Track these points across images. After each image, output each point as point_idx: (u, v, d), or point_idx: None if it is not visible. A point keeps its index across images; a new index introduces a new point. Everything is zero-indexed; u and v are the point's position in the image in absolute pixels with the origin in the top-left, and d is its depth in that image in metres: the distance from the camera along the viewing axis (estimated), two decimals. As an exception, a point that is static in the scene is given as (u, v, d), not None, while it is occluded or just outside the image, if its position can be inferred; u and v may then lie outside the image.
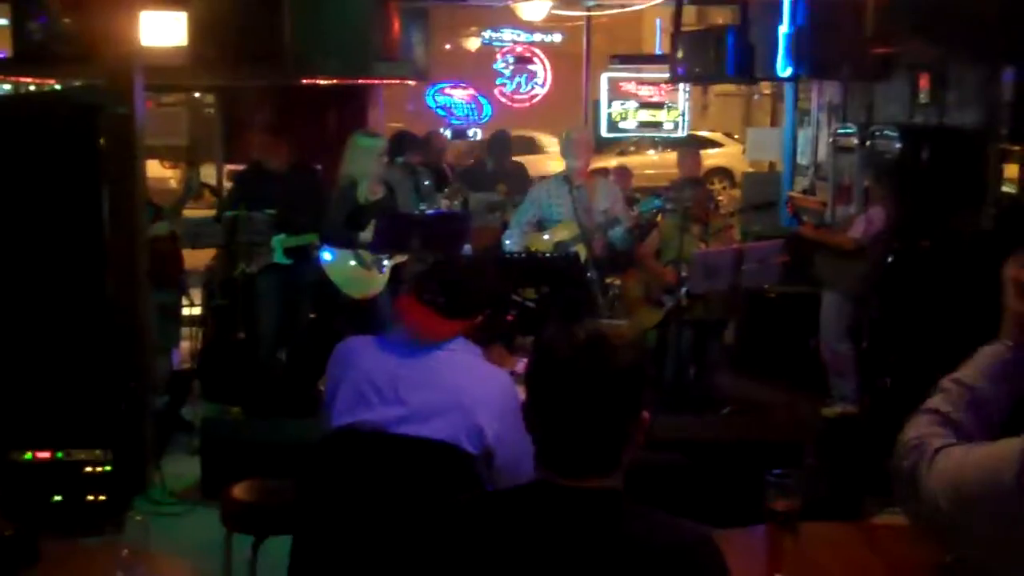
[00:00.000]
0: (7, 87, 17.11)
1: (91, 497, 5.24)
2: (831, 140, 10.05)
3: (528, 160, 13.18)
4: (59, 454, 5.27)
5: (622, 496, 1.99)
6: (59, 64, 7.79)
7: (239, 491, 4.18)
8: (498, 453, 3.04)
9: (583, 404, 1.97)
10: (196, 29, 9.45)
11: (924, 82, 8.51)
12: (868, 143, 8.50)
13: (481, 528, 2.00)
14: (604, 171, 12.58)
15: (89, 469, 5.27)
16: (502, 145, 10.04)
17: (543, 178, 8.26)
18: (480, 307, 3.19)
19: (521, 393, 2.23)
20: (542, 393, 2.02)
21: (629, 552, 1.91)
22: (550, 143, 19.98)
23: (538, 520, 1.96)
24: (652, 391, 2.10)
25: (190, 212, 7.86)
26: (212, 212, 7.70)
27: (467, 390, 3.03)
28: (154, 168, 15.44)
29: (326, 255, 6.93)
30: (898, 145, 7.92)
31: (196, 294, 8.02)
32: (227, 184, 10.45)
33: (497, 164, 9.79)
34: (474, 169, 9.93)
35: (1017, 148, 7.31)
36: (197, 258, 7.93)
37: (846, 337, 7.31)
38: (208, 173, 10.93)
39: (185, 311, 7.86)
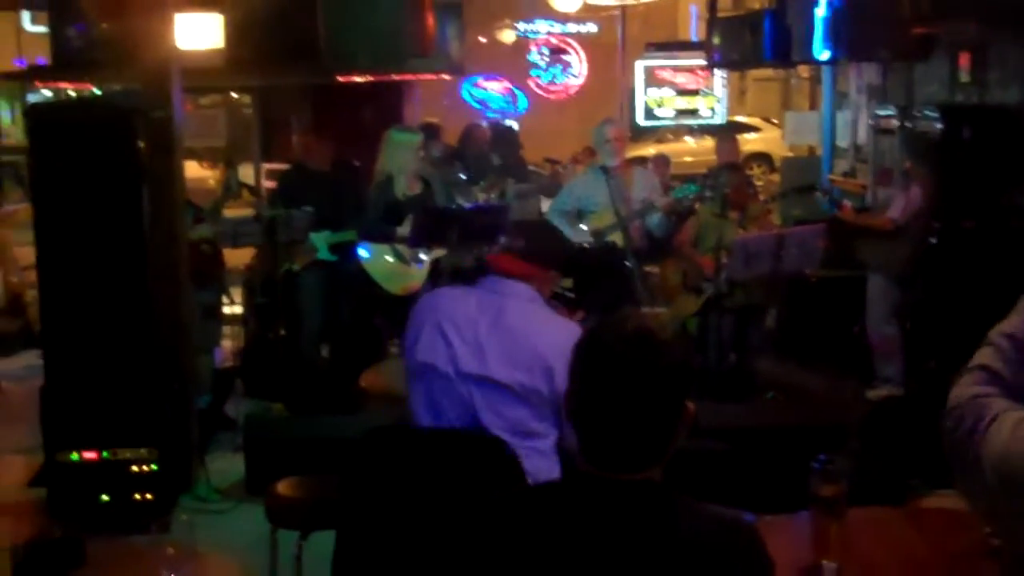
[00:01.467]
0: (48, 93, 17.31)
1: (138, 496, 5.29)
2: (871, 122, 9.95)
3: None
4: (105, 454, 5.32)
5: (664, 488, 1.98)
6: (98, 69, 7.86)
7: (284, 487, 4.20)
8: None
9: (635, 400, 1.95)
10: (232, 30, 9.50)
11: (964, 61, 8.40)
12: (908, 124, 8.40)
13: (525, 522, 1.98)
14: (642, 160, 12.53)
15: (135, 468, 5.32)
16: (508, 140, 10.02)
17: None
18: (551, 260, 3.46)
19: None
20: (591, 387, 1.99)
21: (673, 544, 1.90)
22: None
23: (582, 513, 1.94)
24: (695, 380, 2.09)
25: (229, 212, 7.91)
26: (251, 211, 7.75)
27: (541, 335, 3.24)
28: (193, 169, 15.56)
29: (362, 252, 6.96)
30: (939, 125, 7.83)
31: (236, 293, 8.07)
32: (266, 183, 10.51)
33: (503, 159, 9.76)
34: (480, 163, 9.89)
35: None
36: (237, 257, 7.98)
37: (892, 319, 7.24)
38: (246, 173, 10.99)
39: (226, 310, 7.91)
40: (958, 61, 8.51)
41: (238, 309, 8.08)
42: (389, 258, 6.96)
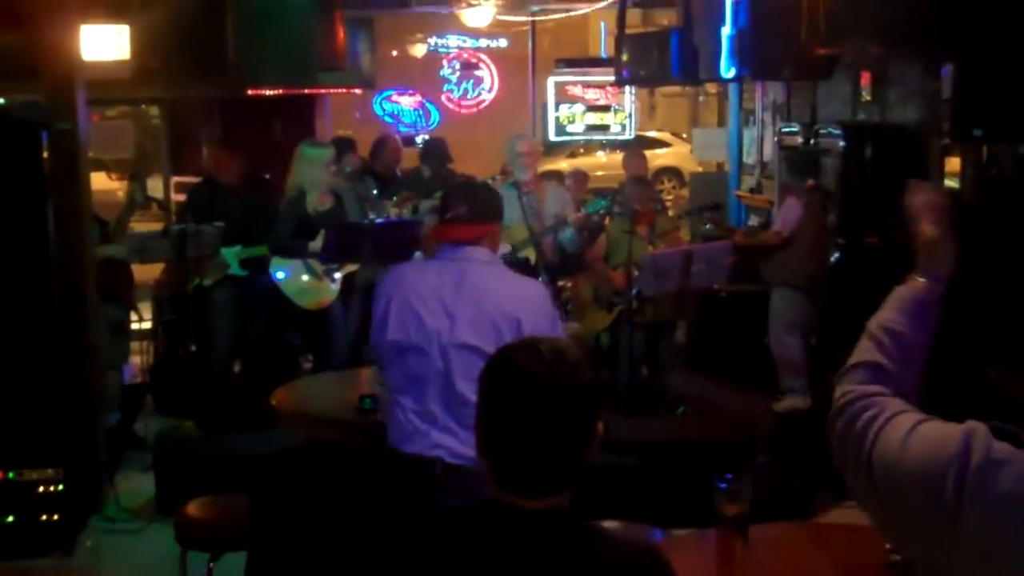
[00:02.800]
0: (-52, 104, 16.88)
1: (44, 517, 5.19)
2: (776, 139, 10.14)
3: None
4: (10, 474, 5.22)
5: (572, 516, 1.98)
6: (0, 81, 7.70)
7: (194, 508, 4.16)
8: None
9: (553, 422, 1.94)
10: (139, 42, 9.39)
11: (866, 80, 8.61)
12: (812, 141, 8.59)
13: (430, 550, 1.96)
14: (556, 174, 12.60)
15: (42, 489, 5.22)
16: (438, 152, 10.02)
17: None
18: (492, 214, 3.59)
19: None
20: (507, 410, 1.96)
21: (580, 573, 1.90)
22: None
23: (491, 544, 1.93)
24: (605, 396, 2.11)
25: (138, 226, 7.80)
26: (160, 226, 7.65)
27: (504, 291, 3.39)
28: (101, 180, 15.28)
29: (280, 274, 6.90)
30: (842, 143, 8.01)
31: (145, 308, 7.96)
32: (175, 197, 10.38)
33: (434, 171, 9.76)
34: (411, 176, 9.87)
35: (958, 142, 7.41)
36: (146, 272, 7.87)
37: (793, 330, 7.39)
38: (156, 186, 10.83)
39: (134, 326, 7.79)
40: (860, 80, 8.72)
41: (147, 325, 7.96)
42: (304, 276, 6.93)
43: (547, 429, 1.94)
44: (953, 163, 7.59)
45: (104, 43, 9.24)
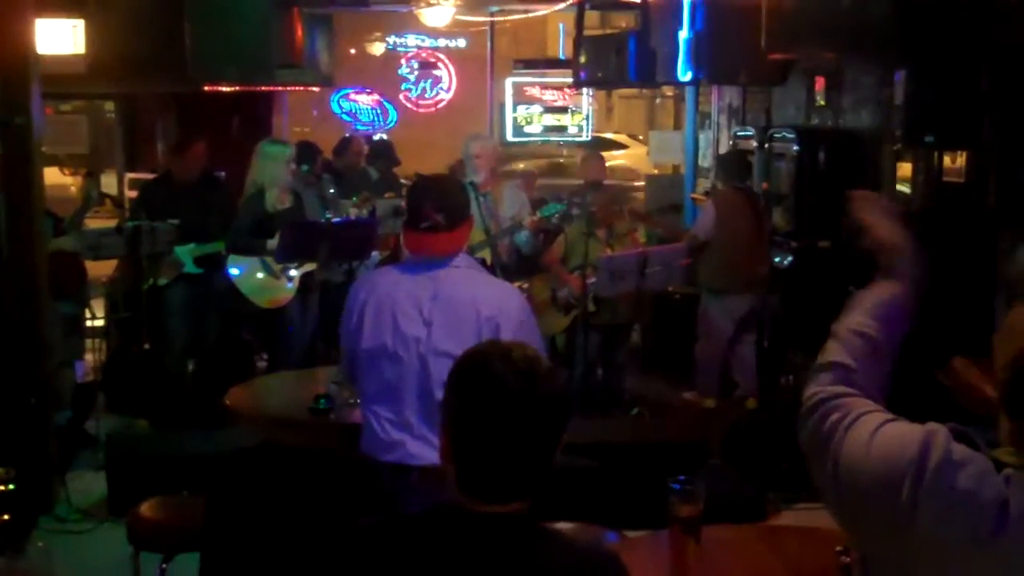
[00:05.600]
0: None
1: (-7, 517, 5.13)
2: (731, 142, 10.21)
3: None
4: (-41, 474, 5.15)
5: (530, 521, 1.99)
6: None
7: (146, 509, 4.13)
8: None
9: (525, 431, 1.95)
10: (94, 36, 9.33)
11: (820, 85, 8.69)
12: (767, 145, 8.66)
13: (386, 553, 1.96)
14: (517, 173, 12.62)
15: (-9, 488, 5.16)
16: (386, 155, 10.02)
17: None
18: (467, 210, 3.51)
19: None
20: (480, 418, 1.96)
21: None
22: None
23: (447, 547, 1.94)
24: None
25: (94, 223, 7.73)
26: (114, 222, 7.58)
27: (480, 296, 3.33)
28: (54, 175, 15.12)
29: (234, 270, 6.87)
30: (795, 147, 8.09)
31: (97, 306, 7.89)
32: (129, 193, 10.30)
33: (381, 174, 9.75)
34: (357, 177, 9.85)
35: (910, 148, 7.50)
36: (98, 269, 7.81)
37: (717, 334, 7.51)
38: (110, 182, 10.75)
39: (87, 323, 7.72)
40: (814, 85, 8.80)
41: (99, 322, 7.89)
42: (260, 274, 6.90)
43: (519, 438, 1.95)
44: (905, 168, 7.68)
45: (59, 37, 9.19)
